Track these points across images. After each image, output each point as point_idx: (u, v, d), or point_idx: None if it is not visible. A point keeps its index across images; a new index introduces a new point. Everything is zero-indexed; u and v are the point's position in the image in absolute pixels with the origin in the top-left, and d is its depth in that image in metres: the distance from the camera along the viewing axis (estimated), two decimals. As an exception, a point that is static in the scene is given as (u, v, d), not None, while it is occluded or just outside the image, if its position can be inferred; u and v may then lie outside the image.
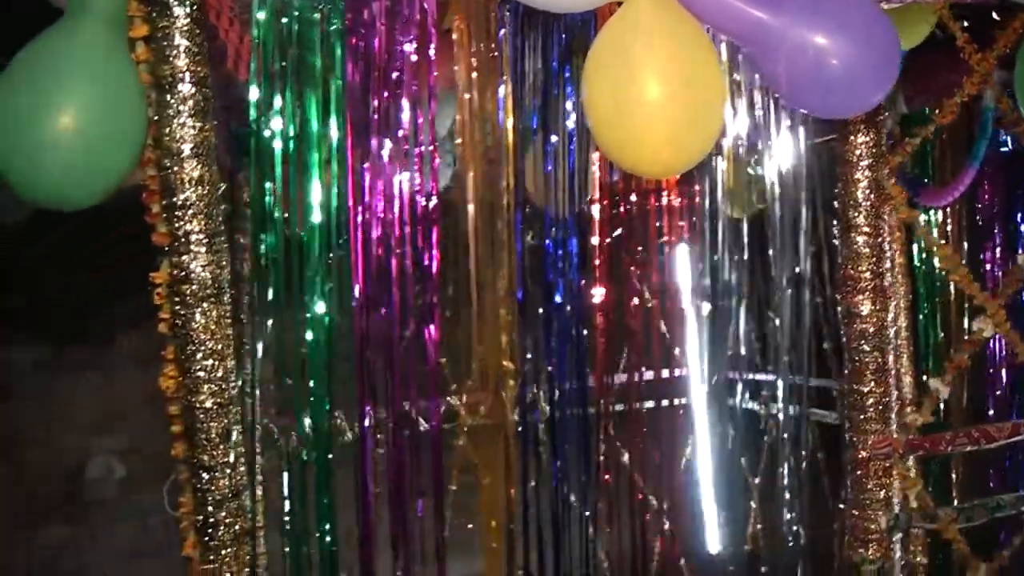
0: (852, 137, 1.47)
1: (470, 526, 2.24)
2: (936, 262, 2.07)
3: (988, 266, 2.27)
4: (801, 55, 1.26)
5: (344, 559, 1.61)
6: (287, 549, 1.59)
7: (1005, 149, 2.21)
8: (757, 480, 3.20)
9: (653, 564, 3.21)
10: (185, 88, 1.17)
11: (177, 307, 1.18)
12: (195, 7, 1.16)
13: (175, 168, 1.17)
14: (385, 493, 1.66)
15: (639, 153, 1.19)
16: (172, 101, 1.17)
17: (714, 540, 3.30)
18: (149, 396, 4.10)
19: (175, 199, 1.17)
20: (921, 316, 2.06)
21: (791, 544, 3.01)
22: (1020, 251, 1.82)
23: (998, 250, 2.28)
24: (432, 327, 1.40)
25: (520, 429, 1.94)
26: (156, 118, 1.17)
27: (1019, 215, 2.25)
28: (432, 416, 1.65)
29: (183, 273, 1.18)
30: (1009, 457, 2.16)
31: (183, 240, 1.17)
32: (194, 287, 1.18)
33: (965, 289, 1.53)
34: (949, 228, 2.15)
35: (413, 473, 1.67)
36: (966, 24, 1.52)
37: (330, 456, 1.51)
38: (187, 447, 1.19)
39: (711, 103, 1.22)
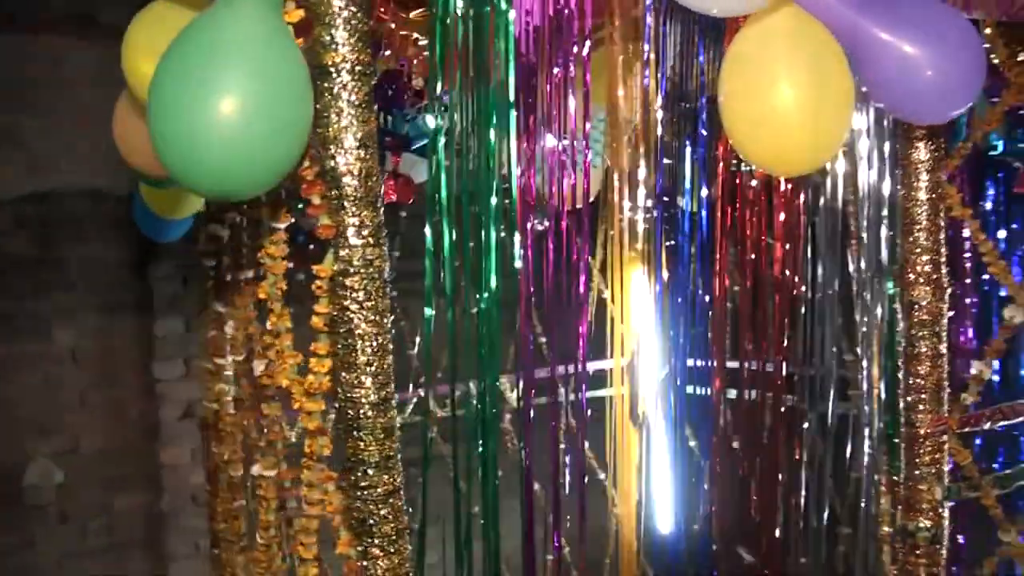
0: (916, 141, 1.60)
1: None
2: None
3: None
4: (900, 65, 1.37)
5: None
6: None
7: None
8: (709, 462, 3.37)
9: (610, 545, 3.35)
10: (344, 77, 1.15)
11: (341, 300, 1.16)
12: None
13: (338, 159, 1.15)
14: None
15: (776, 156, 1.26)
16: (334, 89, 1.14)
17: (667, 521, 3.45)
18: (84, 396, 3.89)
19: (339, 190, 1.15)
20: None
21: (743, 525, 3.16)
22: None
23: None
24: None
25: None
26: (318, 106, 1.14)
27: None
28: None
29: (346, 267, 1.16)
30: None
31: (346, 232, 1.16)
32: (357, 279, 1.16)
33: (1001, 280, 1.70)
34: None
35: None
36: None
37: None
38: (348, 443, 1.18)
39: (842, 107, 1.30)
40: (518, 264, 1.44)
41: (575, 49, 1.20)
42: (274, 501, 1.73)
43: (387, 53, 1.34)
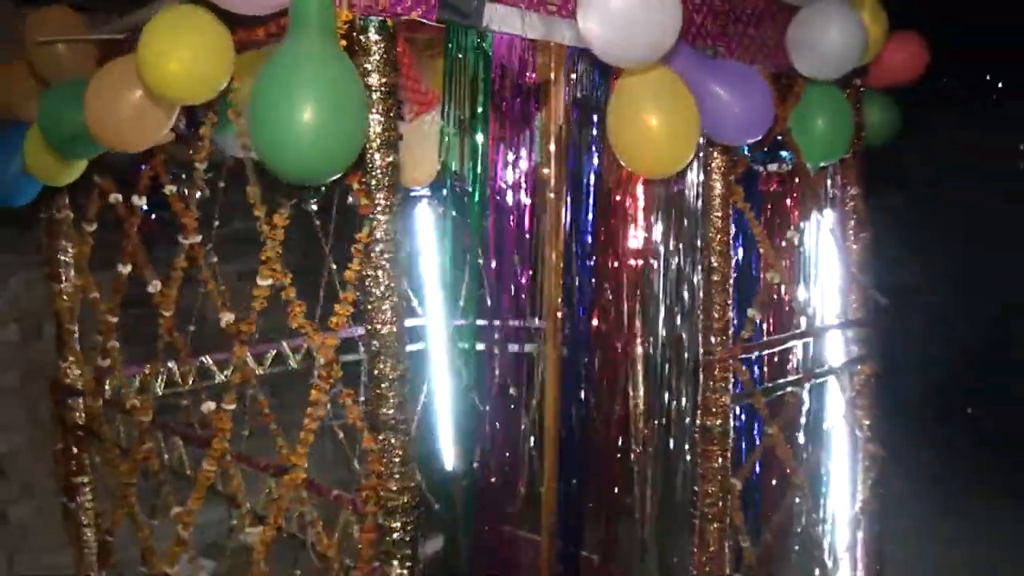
0: (715, 153, 2.28)
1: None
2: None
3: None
4: (718, 105, 2.02)
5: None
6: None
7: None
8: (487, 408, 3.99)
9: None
10: (376, 95, 1.56)
11: (371, 259, 1.57)
12: (384, 30, 1.54)
13: (375, 156, 1.55)
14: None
15: (644, 162, 1.86)
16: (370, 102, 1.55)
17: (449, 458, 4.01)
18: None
19: (372, 179, 1.56)
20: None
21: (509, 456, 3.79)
22: (791, 229, 2.76)
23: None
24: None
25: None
26: (359, 115, 1.54)
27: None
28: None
29: (374, 234, 1.57)
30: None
31: (375, 209, 1.57)
32: (382, 245, 1.58)
33: (764, 251, 2.44)
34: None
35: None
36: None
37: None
38: (373, 364, 1.59)
39: (691, 131, 1.92)
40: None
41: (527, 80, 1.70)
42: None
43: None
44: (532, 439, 3.22)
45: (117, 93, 1.87)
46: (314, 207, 3.53)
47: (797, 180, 2.89)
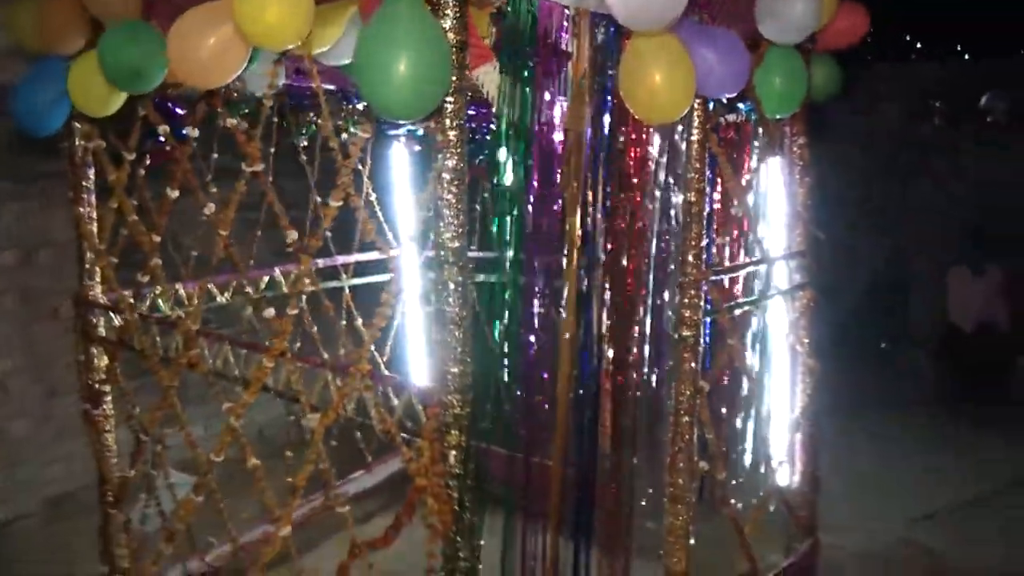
0: (696, 104, 2.67)
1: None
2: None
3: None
4: (706, 64, 2.41)
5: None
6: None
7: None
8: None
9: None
10: (452, 50, 1.89)
11: (442, 185, 1.92)
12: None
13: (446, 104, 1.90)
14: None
15: (650, 110, 2.25)
16: (444, 58, 1.88)
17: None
18: None
19: (445, 118, 1.91)
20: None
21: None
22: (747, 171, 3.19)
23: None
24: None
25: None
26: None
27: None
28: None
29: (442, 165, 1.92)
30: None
31: (448, 144, 1.91)
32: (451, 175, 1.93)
33: (730, 188, 2.87)
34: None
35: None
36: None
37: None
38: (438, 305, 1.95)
39: (688, 86, 2.30)
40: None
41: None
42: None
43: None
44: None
45: (201, 35, 2.14)
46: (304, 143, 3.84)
47: (748, 130, 3.33)
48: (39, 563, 4.07)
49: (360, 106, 3.71)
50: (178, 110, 3.18)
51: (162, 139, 2.78)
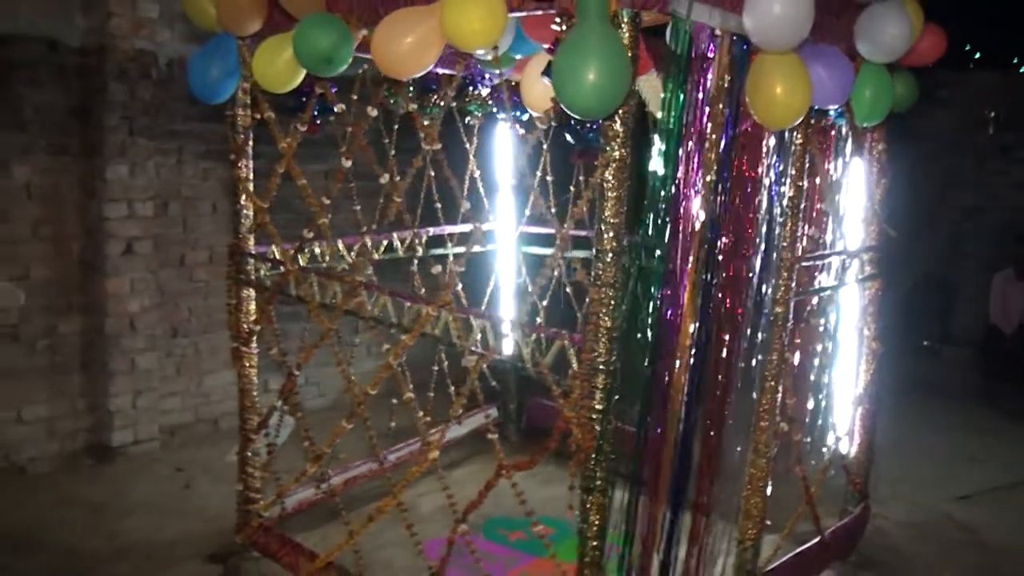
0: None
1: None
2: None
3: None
4: (821, 79, 2.80)
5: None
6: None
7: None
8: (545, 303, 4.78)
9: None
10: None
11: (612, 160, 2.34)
12: (634, 17, 2.28)
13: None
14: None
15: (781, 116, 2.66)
16: (619, 67, 2.29)
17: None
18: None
19: (618, 117, 2.32)
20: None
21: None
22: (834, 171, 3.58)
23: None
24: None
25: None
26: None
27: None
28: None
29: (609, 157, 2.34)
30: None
31: (618, 137, 2.33)
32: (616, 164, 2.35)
33: (821, 184, 3.27)
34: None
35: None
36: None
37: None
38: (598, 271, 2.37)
39: (807, 97, 2.70)
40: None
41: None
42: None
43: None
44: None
45: (404, 34, 2.56)
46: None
47: (833, 135, 3.71)
48: (161, 480, 4.59)
49: (483, 91, 4.12)
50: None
51: (335, 112, 3.21)
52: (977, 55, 8.21)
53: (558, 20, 2.32)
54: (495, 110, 4.39)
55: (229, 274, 3.73)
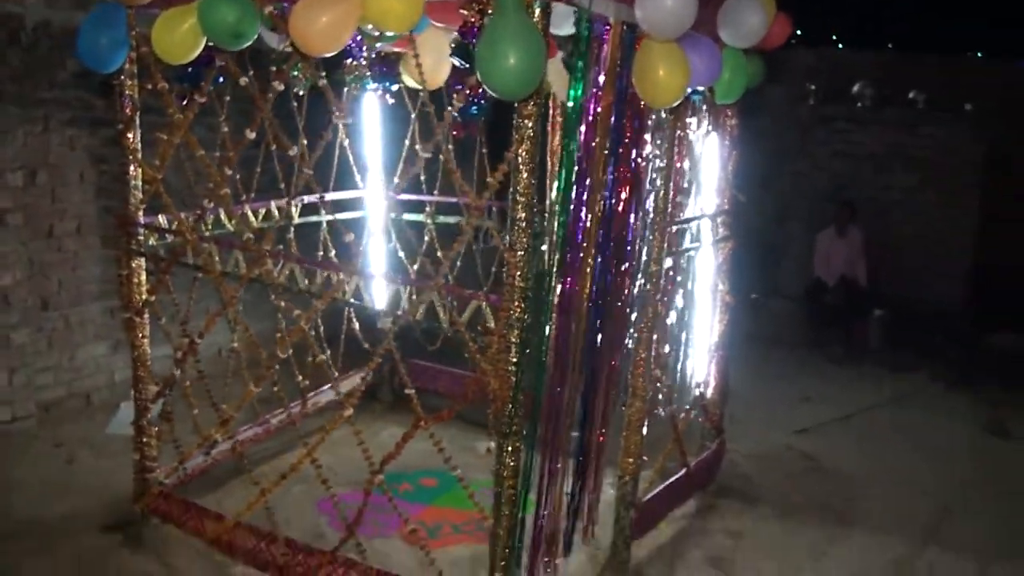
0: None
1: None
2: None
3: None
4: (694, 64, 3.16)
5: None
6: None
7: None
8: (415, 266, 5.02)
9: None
10: (533, 46, 2.55)
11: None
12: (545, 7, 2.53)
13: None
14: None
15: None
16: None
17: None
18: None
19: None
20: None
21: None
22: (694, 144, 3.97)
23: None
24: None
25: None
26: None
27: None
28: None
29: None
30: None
31: (531, 115, 2.58)
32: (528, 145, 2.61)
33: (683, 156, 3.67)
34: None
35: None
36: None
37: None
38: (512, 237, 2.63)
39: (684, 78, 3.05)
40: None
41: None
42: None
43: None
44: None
45: (321, 13, 2.69)
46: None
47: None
48: (42, 457, 4.50)
49: (361, 61, 4.24)
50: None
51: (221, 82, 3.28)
52: (798, 32, 9.01)
53: (475, 8, 2.54)
54: (369, 81, 4.53)
55: (119, 245, 3.72)
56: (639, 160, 3.18)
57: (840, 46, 9.61)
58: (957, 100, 8.18)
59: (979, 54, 9.18)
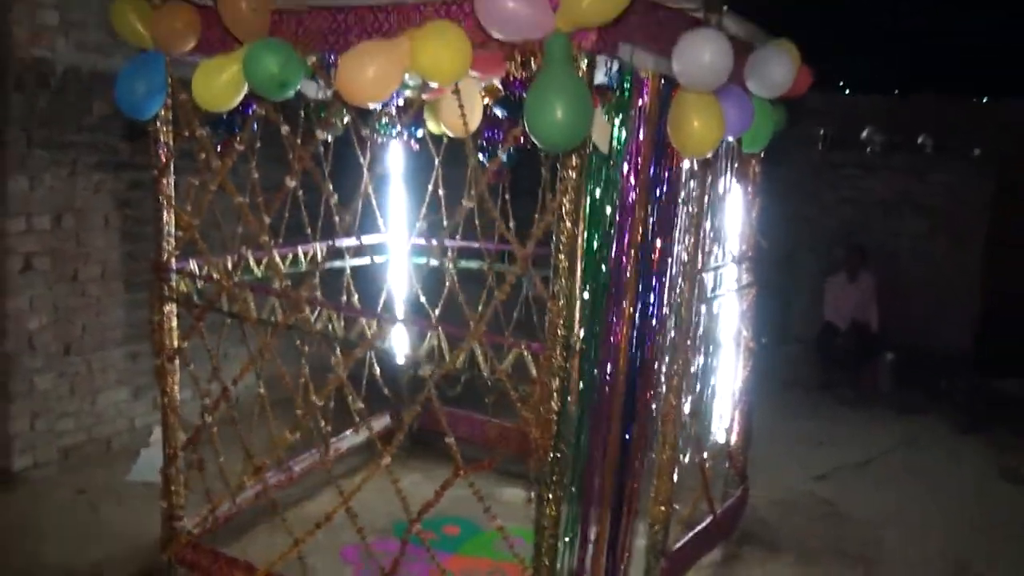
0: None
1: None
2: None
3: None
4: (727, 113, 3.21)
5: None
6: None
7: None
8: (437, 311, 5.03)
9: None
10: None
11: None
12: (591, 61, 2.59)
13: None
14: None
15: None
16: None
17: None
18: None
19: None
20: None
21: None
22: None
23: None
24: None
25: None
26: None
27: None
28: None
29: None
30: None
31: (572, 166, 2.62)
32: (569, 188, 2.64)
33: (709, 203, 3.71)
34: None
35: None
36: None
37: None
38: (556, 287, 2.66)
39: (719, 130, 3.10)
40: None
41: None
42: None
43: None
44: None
45: (368, 65, 2.73)
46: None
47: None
48: (66, 504, 4.47)
49: (393, 109, 4.31)
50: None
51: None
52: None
53: (522, 61, 2.59)
54: (396, 127, 4.59)
55: (152, 290, 3.73)
56: (674, 208, 3.22)
57: (847, 91, 9.72)
58: (967, 143, 8.26)
59: (984, 99, 9.27)
